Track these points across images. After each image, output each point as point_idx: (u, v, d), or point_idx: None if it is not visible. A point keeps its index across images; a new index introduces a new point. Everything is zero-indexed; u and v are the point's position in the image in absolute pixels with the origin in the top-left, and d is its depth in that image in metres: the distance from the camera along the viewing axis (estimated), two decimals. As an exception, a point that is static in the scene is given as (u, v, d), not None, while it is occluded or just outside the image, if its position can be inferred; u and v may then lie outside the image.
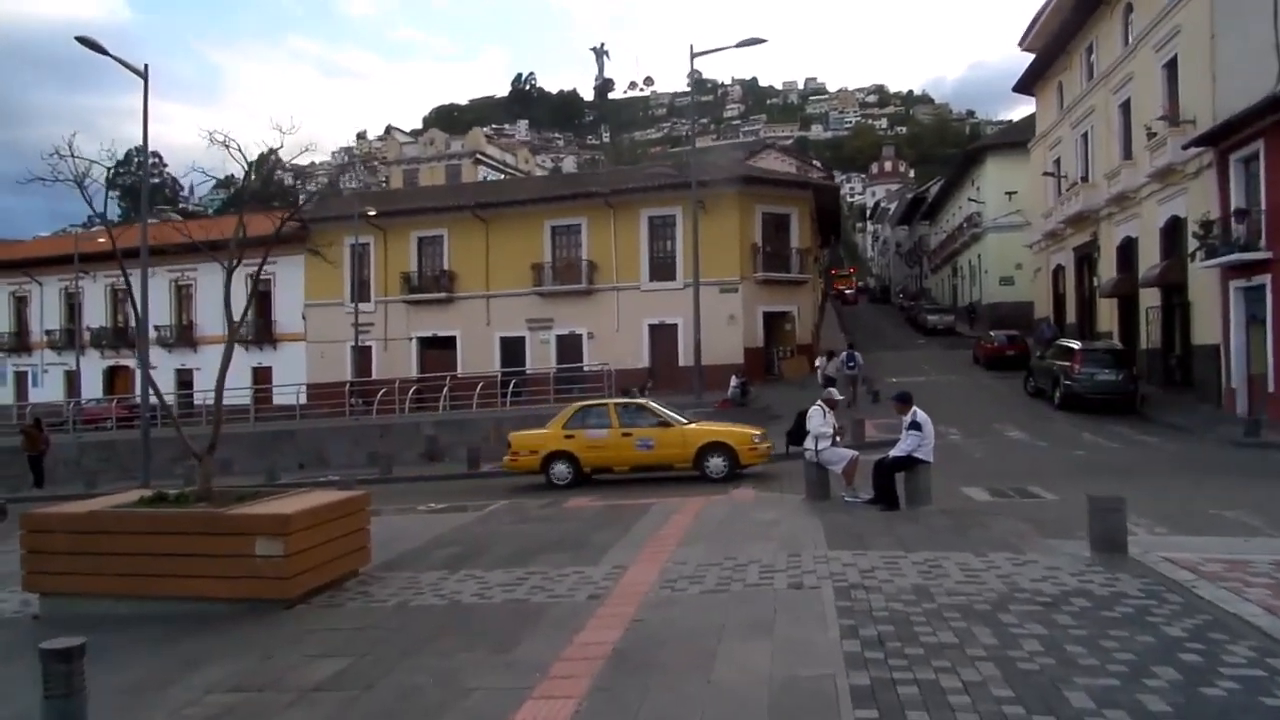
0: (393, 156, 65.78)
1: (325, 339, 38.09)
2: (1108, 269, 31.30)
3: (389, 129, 68.38)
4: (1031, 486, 13.56)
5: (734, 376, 26.61)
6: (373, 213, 36.63)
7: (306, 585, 7.73)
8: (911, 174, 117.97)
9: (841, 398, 12.11)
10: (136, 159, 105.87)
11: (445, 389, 26.25)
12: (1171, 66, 25.69)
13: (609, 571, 8.08)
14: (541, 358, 35.10)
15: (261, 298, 42.04)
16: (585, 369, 32.54)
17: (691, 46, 25.85)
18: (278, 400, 35.60)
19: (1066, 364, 24.17)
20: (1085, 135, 33.84)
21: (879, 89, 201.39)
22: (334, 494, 8.78)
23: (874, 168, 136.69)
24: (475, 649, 6.14)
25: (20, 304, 47.11)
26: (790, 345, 34.59)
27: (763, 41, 24.91)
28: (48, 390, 44.52)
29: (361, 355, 37.42)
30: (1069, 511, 11.05)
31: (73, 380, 42.07)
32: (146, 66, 20.87)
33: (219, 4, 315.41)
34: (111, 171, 8.36)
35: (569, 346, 35.32)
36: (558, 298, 35.54)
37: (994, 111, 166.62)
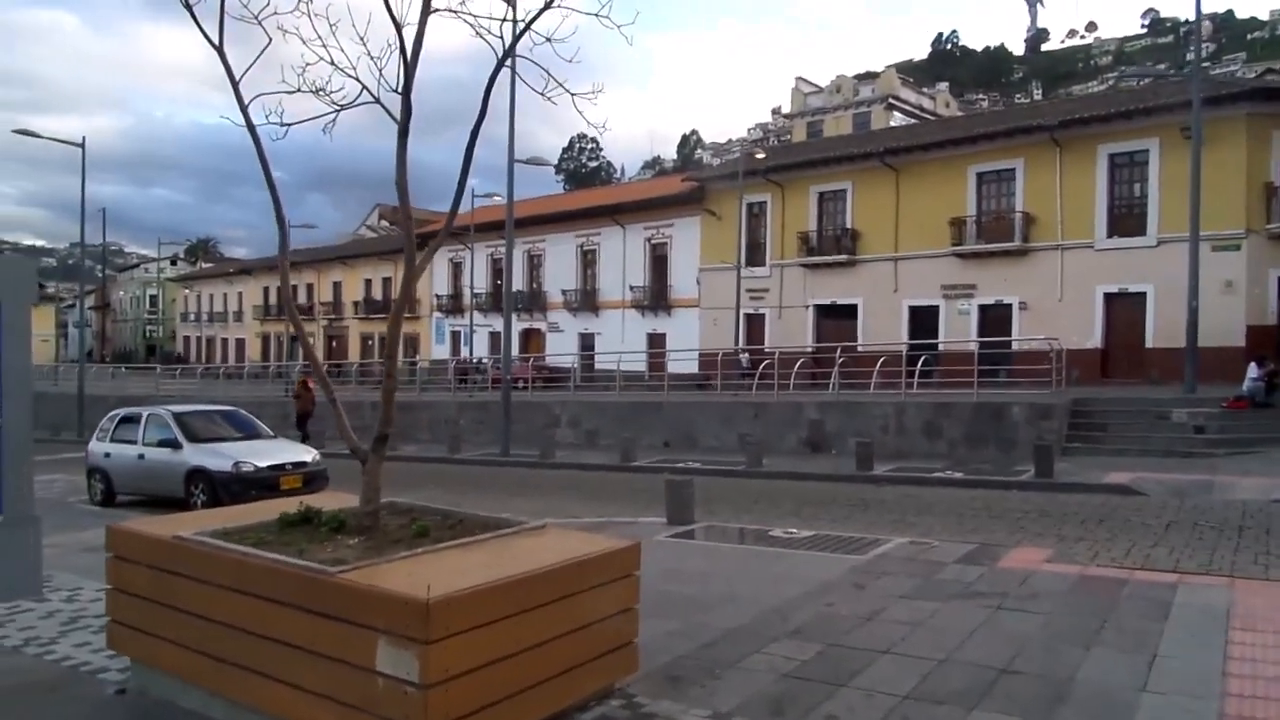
0: (796, 109, 61.51)
1: (719, 305, 35.46)
2: None
3: (796, 79, 63.95)
4: None
5: (1253, 364, 18.65)
6: (761, 155, 33.23)
7: (473, 742, 3.84)
8: None
9: None
10: (577, 144, 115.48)
11: (836, 364, 21.63)
12: None
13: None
14: (959, 330, 29.22)
15: (658, 261, 40.86)
16: (1016, 345, 26.11)
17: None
18: (672, 369, 33.70)
19: None
20: None
21: None
22: (589, 541, 4.81)
23: None
24: None
25: (456, 270, 50.90)
26: (1321, 324, 24.88)
27: None
28: (476, 349, 47.37)
29: (752, 324, 34.36)
30: None
31: (496, 341, 44.04)
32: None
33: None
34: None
35: (994, 319, 28.95)
36: (982, 259, 29.31)
37: None
